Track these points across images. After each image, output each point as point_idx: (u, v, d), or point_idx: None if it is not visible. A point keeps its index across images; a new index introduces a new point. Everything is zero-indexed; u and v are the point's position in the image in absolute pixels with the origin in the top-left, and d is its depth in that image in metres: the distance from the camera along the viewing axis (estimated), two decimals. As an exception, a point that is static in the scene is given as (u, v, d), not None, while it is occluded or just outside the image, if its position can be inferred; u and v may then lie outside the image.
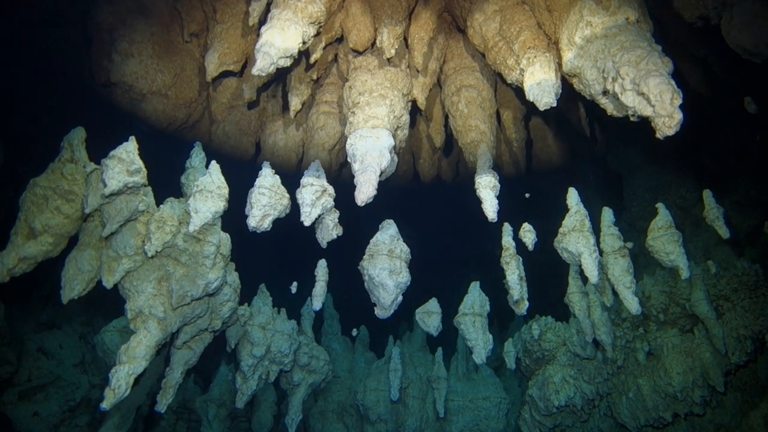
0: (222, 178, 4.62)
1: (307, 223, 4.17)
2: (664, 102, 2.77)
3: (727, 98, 5.76)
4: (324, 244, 4.64)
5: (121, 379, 4.54)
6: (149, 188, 5.10)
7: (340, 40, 4.85)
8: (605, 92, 3.24)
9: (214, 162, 4.70)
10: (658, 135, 2.86)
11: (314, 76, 4.58)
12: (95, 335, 7.40)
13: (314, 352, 7.00)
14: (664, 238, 4.78)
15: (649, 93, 2.80)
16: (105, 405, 4.42)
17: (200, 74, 5.45)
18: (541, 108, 3.35)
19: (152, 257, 4.94)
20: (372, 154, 3.49)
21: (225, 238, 5.34)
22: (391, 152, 3.65)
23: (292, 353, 6.54)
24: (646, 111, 2.85)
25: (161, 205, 5.06)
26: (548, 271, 7.63)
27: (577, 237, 4.67)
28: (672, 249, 4.69)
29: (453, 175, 7.28)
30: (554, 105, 3.31)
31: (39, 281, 8.49)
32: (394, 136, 3.92)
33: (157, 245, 4.89)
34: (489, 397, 7.92)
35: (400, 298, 5.06)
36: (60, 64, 5.52)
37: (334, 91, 5.12)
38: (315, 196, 4.25)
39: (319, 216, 4.73)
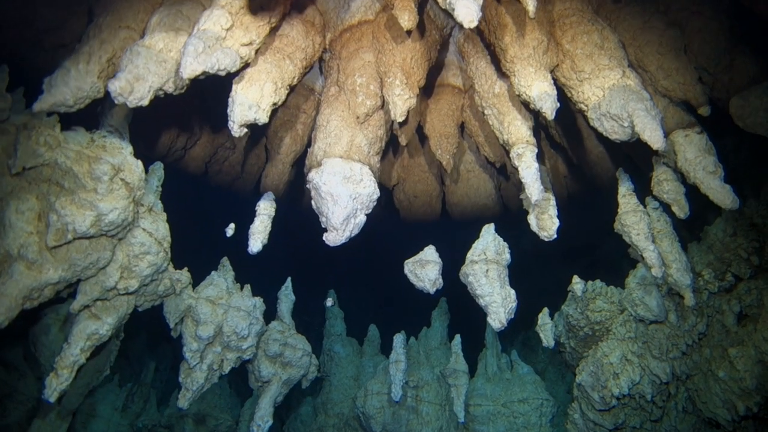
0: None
1: (184, 74, 2.75)
2: None
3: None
4: (237, 131, 3.18)
5: (-44, 339, 3.15)
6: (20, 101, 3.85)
7: None
8: None
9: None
10: None
11: None
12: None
13: (289, 339, 5.43)
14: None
15: None
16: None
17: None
18: None
19: (17, 175, 3.63)
20: None
21: (133, 164, 3.99)
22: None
23: (254, 336, 5.00)
24: None
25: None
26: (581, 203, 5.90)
27: (622, 93, 3.03)
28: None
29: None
30: None
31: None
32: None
33: (24, 160, 3.60)
34: (527, 400, 6.06)
35: (362, 218, 3.51)
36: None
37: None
38: (207, 44, 2.84)
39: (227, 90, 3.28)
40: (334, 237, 3.31)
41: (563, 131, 5.36)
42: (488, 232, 4.67)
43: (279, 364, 5.36)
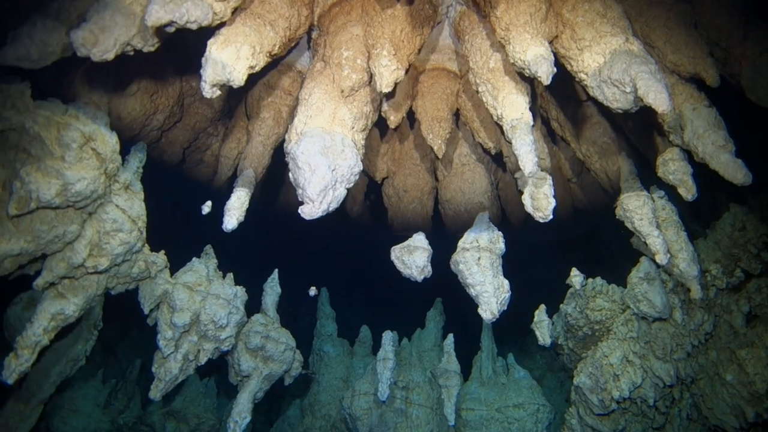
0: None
1: (148, 22, 2.54)
2: None
3: None
4: (208, 91, 2.96)
5: None
6: None
7: None
8: None
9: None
10: None
11: None
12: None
13: (271, 333, 5.17)
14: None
15: None
16: None
17: None
18: None
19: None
20: None
21: (107, 134, 3.79)
22: None
23: (233, 326, 4.75)
24: None
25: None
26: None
27: (625, 57, 2.81)
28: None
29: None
30: None
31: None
32: None
33: (-14, 123, 3.40)
34: (522, 405, 5.75)
35: (342, 191, 3.27)
36: None
37: None
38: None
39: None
40: (309, 209, 3.08)
41: (565, 120, 5.12)
42: (482, 220, 4.44)
43: (260, 358, 5.10)
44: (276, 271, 5.79)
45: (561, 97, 5.16)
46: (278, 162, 5.26)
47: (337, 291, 8.01)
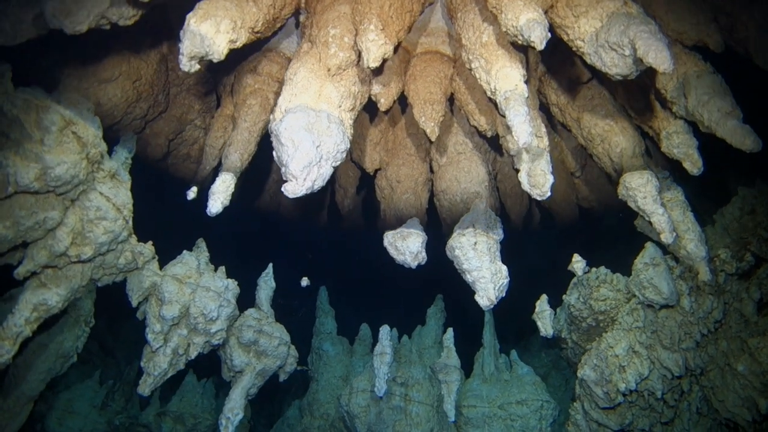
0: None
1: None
2: None
3: None
4: (186, 64, 2.85)
5: None
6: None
7: None
8: None
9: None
10: None
11: None
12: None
13: (265, 327, 5.02)
14: None
15: None
16: None
17: None
18: None
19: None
20: None
21: (89, 118, 3.69)
22: None
23: (224, 320, 4.61)
24: None
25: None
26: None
27: (623, 19, 2.66)
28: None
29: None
30: None
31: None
32: None
33: (-39, 105, 3.31)
34: (525, 401, 5.56)
35: (328, 169, 3.13)
36: None
37: None
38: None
39: None
40: (293, 187, 2.94)
41: (566, 104, 4.95)
42: (479, 206, 4.29)
43: (253, 353, 4.95)
44: (270, 265, 5.65)
45: (561, 81, 5.00)
46: (272, 159, 5.10)
47: (336, 288, 7.87)
